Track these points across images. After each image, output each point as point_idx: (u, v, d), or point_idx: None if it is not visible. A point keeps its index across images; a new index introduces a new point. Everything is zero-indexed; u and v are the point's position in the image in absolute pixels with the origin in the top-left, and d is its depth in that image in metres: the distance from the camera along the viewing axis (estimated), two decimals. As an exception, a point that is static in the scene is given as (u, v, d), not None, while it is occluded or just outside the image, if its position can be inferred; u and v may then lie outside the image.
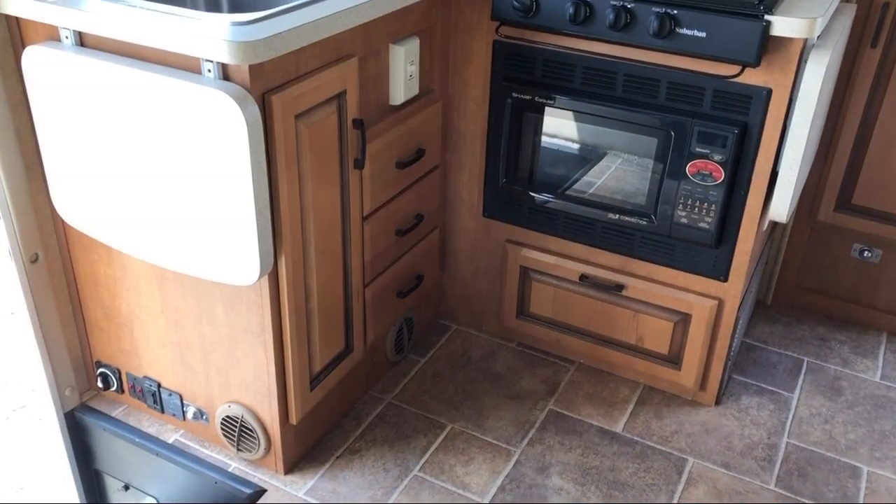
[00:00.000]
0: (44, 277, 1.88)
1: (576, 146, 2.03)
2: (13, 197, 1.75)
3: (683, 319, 2.08)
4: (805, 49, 1.73)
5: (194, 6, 1.88)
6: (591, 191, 2.05)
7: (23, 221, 1.79)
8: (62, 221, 1.84)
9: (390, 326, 2.18)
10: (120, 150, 1.58)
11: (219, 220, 1.54)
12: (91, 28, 1.52)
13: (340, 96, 1.68)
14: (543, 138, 2.05)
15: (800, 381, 2.28)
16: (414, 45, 1.90)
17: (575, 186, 2.06)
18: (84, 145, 1.62)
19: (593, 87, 1.94)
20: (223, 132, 1.44)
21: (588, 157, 2.03)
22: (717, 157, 1.84)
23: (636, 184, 1.98)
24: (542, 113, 2.01)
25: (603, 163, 2.02)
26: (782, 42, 1.70)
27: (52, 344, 1.95)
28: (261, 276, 1.57)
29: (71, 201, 1.72)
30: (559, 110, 1.99)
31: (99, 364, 2.05)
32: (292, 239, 1.64)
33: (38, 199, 1.81)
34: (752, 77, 1.76)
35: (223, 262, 1.58)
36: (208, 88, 1.42)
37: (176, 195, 1.56)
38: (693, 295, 2.04)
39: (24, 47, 1.62)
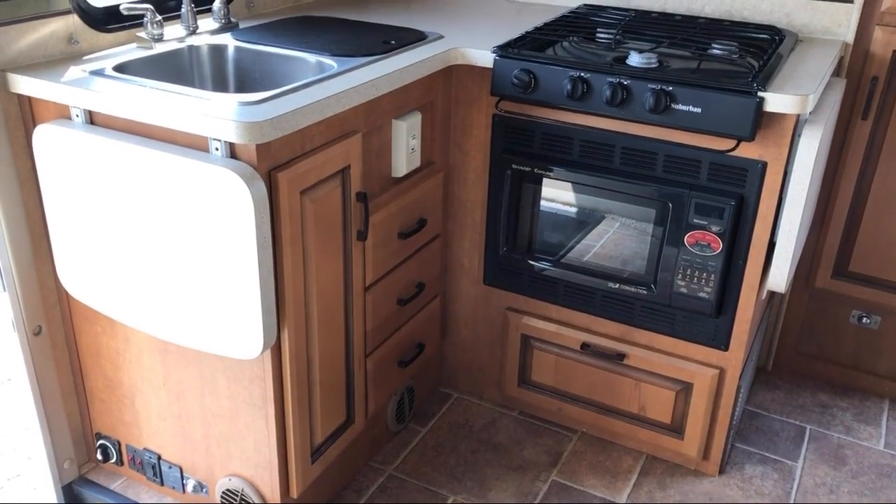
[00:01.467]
0: (46, 349, 1.88)
1: (575, 216, 2.06)
2: (19, 270, 1.77)
3: (685, 388, 2.08)
4: (798, 123, 1.77)
5: (202, 85, 1.93)
6: (591, 259, 2.07)
7: (27, 294, 1.80)
8: (66, 294, 1.85)
9: (391, 396, 2.17)
10: (127, 226, 1.60)
11: (223, 294, 1.55)
12: (101, 108, 1.56)
13: (344, 171, 1.71)
14: (543, 208, 2.08)
15: (803, 450, 2.26)
16: (416, 119, 1.94)
17: (575, 255, 2.09)
18: (91, 220, 1.64)
19: (591, 160, 1.97)
20: (230, 209, 1.46)
21: (587, 227, 2.06)
22: (715, 229, 1.87)
23: (635, 252, 2.00)
24: (541, 184, 2.05)
25: (602, 232, 2.04)
26: (776, 117, 1.75)
27: (52, 416, 1.94)
28: (264, 349, 1.58)
29: (76, 275, 1.73)
30: (558, 181, 2.02)
31: (99, 436, 2.03)
32: (295, 312, 1.65)
33: (43, 273, 1.82)
34: (747, 150, 1.80)
35: (227, 336, 1.59)
36: (216, 167, 1.45)
37: (181, 269, 1.58)
38: (694, 364, 2.04)
39: (35, 125, 1.66)
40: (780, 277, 1.87)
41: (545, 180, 2.04)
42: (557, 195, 2.05)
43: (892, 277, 2.29)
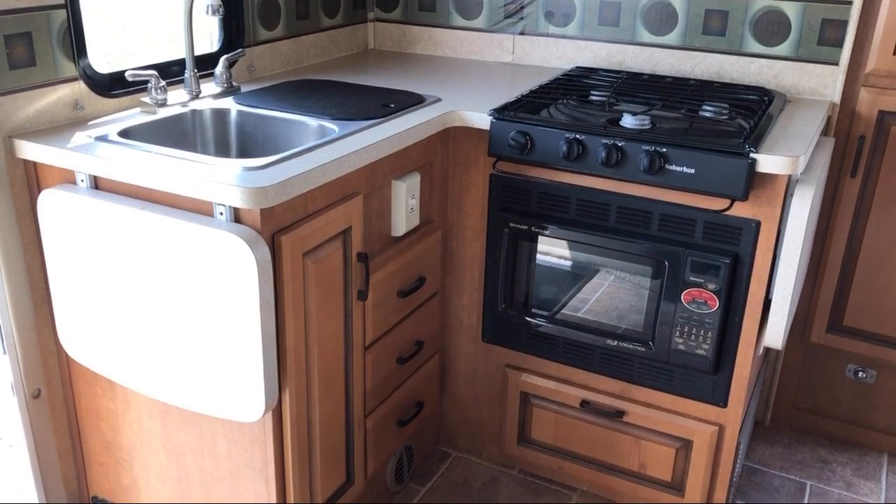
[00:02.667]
0: (45, 412, 1.87)
1: (572, 273, 2.08)
2: (20, 333, 1.77)
3: (685, 445, 2.08)
4: (790, 183, 1.81)
5: (205, 149, 1.96)
6: (588, 313, 2.08)
7: (28, 357, 1.80)
8: (66, 356, 1.85)
9: (391, 456, 2.16)
10: (130, 288, 1.61)
11: (225, 356, 1.56)
12: (106, 173, 1.58)
13: (346, 232, 1.74)
14: (540, 265, 2.10)
15: (804, 506, 2.25)
16: (415, 180, 1.98)
17: (573, 311, 2.10)
18: (95, 283, 1.65)
19: (587, 218, 2.00)
20: (233, 273, 1.48)
21: (584, 283, 2.08)
22: (711, 286, 1.89)
23: (631, 306, 2.02)
24: (538, 241, 2.07)
25: (598, 286, 2.06)
26: (768, 177, 1.79)
27: (48, 479, 1.92)
28: (265, 412, 1.58)
29: (77, 337, 1.73)
30: (555, 239, 2.05)
31: (96, 499, 2.01)
32: (296, 373, 1.65)
33: (44, 335, 1.82)
34: (741, 210, 1.83)
35: (228, 399, 1.59)
36: (221, 231, 1.47)
37: (183, 332, 1.58)
38: (693, 421, 2.04)
39: (40, 190, 1.68)
40: (776, 335, 1.89)
41: (542, 238, 2.07)
42: (555, 252, 2.08)
43: (886, 332, 2.31)
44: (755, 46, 2.26)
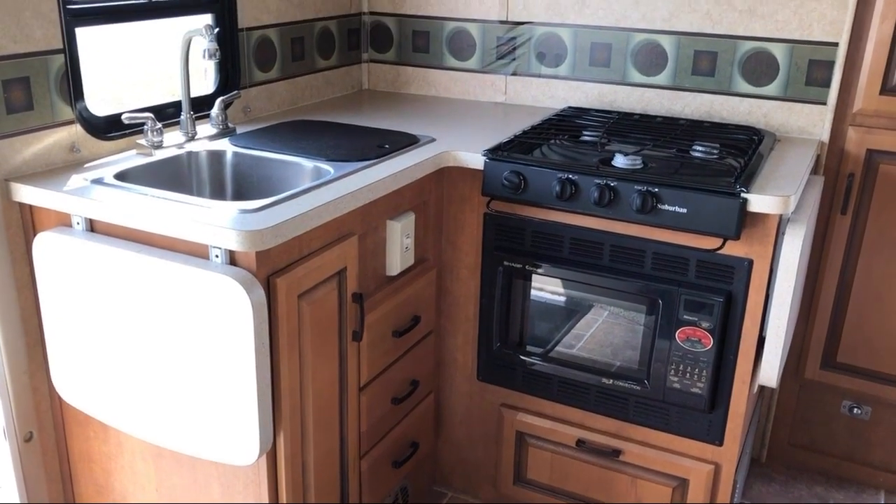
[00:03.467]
0: (37, 456, 1.85)
1: (566, 311, 2.08)
2: (13, 377, 1.76)
3: (681, 484, 2.07)
4: (782, 221, 1.83)
5: (200, 190, 1.97)
6: (583, 350, 2.08)
7: (20, 401, 1.78)
8: (59, 400, 1.84)
9: (386, 497, 2.14)
10: (125, 331, 1.61)
11: (219, 399, 1.55)
12: (102, 216, 1.59)
13: (341, 273, 1.74)
14: (535, 303, 2.11)
15: (803, 545, 2.24)
16: (410, 219, 1.99)
17: (568, 349, 2.10)
18: (89, 326, 1.65)
19: (581, 257, 2.02)
20: (229, 315, 1.48)
21: (578, 321, 2.08)
22: (705, 325, 1.90)
23: (625, 342, 2.02)
24: (533, 280, 2.08)
25: (591, 322, 2.07)
26: (760, 216, 1.80)
27: (38, 524, 1.90)
28: (260, 455, 1.57)
29: (72, 380, 1.73)
30: (549, 278, 2.06)
31: (86, 544, 1.98)
32: (291, 416, 1.65)
33: (37, 378, 1.81)
34: (733, 249, 1.85)
35: (223, 442, 1.58)
36: (216, 274, 1.47)
37: (178, 375, 1.58)
38: (689, 460, 2.04)
39: (35, 233, 1.69)
40: (771, 373, 1.90)
41: (537, 276, 2.07)
42: (549, 290, 2.08)
43: (880, 368, 2.31)
44: (744, 87, 2.29)
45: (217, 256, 1.52)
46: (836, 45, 2.16)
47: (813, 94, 2.22)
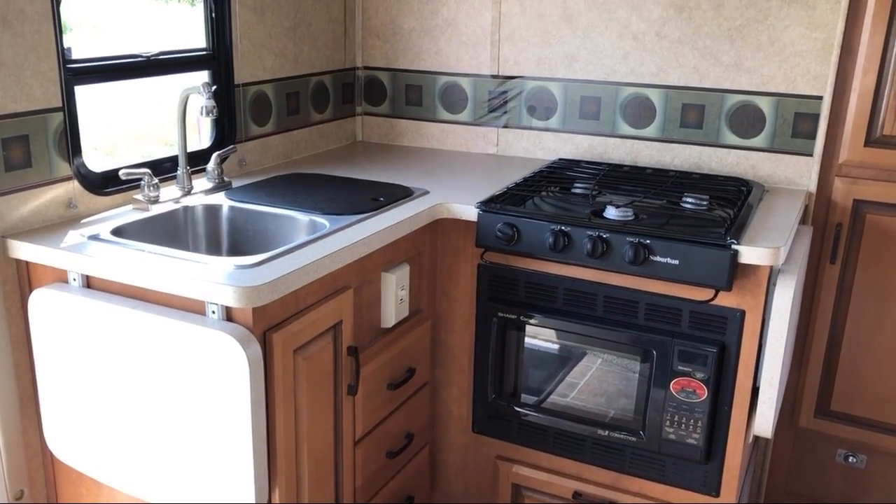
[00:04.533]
0: (26, 514, 1.83)
1: (561, 360, 2.09)
2: (5, 434, 1.74)
3: (679, 537, 2.05)
4: (772, 272, 1.85)
5: (196, 245, 1.98)
6: (578, 401, 2.08)
7: (12, 458, 1.76)
8: (51, 457, 1.82)
9: (381, 552, 2.12)
10: (120, 387, 1.61)
11: (215, 454, 1.54)
12: (99, 272, 1.60)
13: (336, 326, 1.75)
14: (529, 353, 2.11)
15: None
16: (404, 271, 2.00)
17: (562, 398, 2.10)
18: (84, 382, 1.64)
19: (575, 308, 2.03)
20: (225, 371, 1.48)
21: (573, 371, 2.09)
22: (700, 375, 1.91)
23: (622, 395, 2.03)
24: (526, 330, 2.09)
25: (588, 375, 2.07)
26: (751, 267, 1.82)
27: (27, 585, 1.87)
28: (255, 512, 1.55)
29: (65, 437, 1.71)
30: (543, 329, 2.07)
31: None
32: (286, 471, 1.63)
33: (29, 435, 1.80)
34: (725, 299, 1.87)
35: (218, 498, 1.56)
36: (212, 330, 1.48)
37: (173, 431, 1.57)
38: (687, 511, 2.03)
39: (31, 289, 1.69)
40: (765, 423, 1.90)
41: (531, 327, 2.08)
42: (543, 340, 2.09)
43: (873, 416, 2.32)
44: (732, 138, 2.34)
45: (214, 312, 1.52)
46: (820, 98, 2.21)
47: (799, 146, 2.26)
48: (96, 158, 1.91)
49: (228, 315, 1.52)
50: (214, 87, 1.95)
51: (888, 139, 2.15)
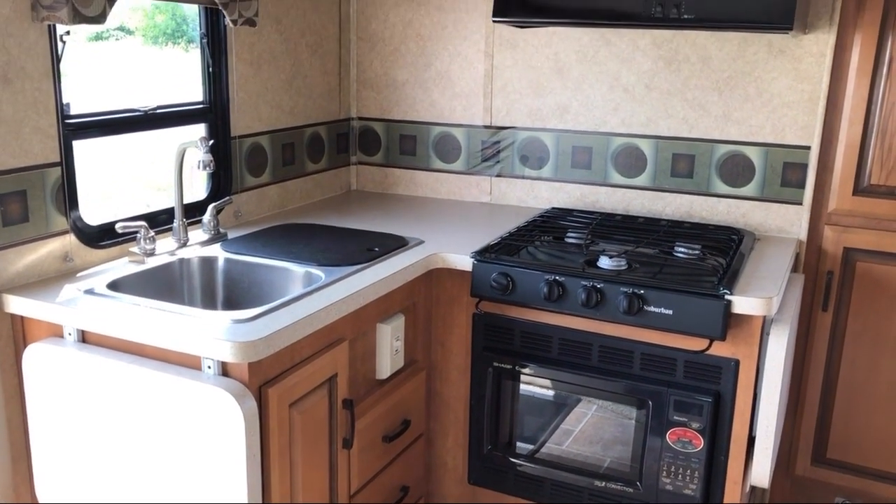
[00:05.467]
0: (15, 573, 1.79)
1: (556, 407, 2.08)
2: (-4, 491, 1.73)
3: (679, 590, 2.03)
4: (766, 321, 1.86)
5: (191, 297, 1.98)
6: (574, 448, 2.07)
7: (2, 516, 1.74)
8: (43, 513, 1.80)
9: None
10: (115, 442, 1.59)
11: (209, 512, 1.52)
12: (95, 327, 1.60)
13: (332, 379, 1.74)
14: (524, 400, 2.11)
15: None
16: (399, 322, 2.00)
17: (559, 447, 2.09)
18: (78, 438, 1.63)
19: (570, 357, 2.03)
20: (221, 426, 1.47)
21: (569, 420, 2.08)
22: (695, 425, 1.90)
23: (617, 442, 2.02)
24: (522, 381, 2.09)
25: (584, 422, 2.06)
26: (744, 317, 1.84)
27: None
28: (249, 571, 1.53)
29: (58, 494, 1.69)
30: (539, 378, 2.07)
31: None
32: (282, 528, 1.62)
33: (21, 491, 1.77)
34: (720, 349, 1.87)
35: (211, 558, 1.54)
36: (208, 385, 1.47)
37: (169, 486, 1.56)
38: (686, 563, 2.01)
39: (26, 344, 1.69)
40: (762, 474, 1.89)
41: (527, 377, 2.08)
42: (538, 390, 2.09)
43: (870, 464, 2.31)
44: (722, 188, 2.37)
45: (209, 367, 1.52)
46: (808, 148, 2.25)
47: (789, 195, 2.29)
48: (95, 216, 1.92)
49: (224, 370, 1.52)
50: (212, 142, 1.97)
51: (876, 188, 2.19)
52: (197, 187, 2.29)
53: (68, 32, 1.77)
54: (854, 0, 2.13)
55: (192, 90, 2.23)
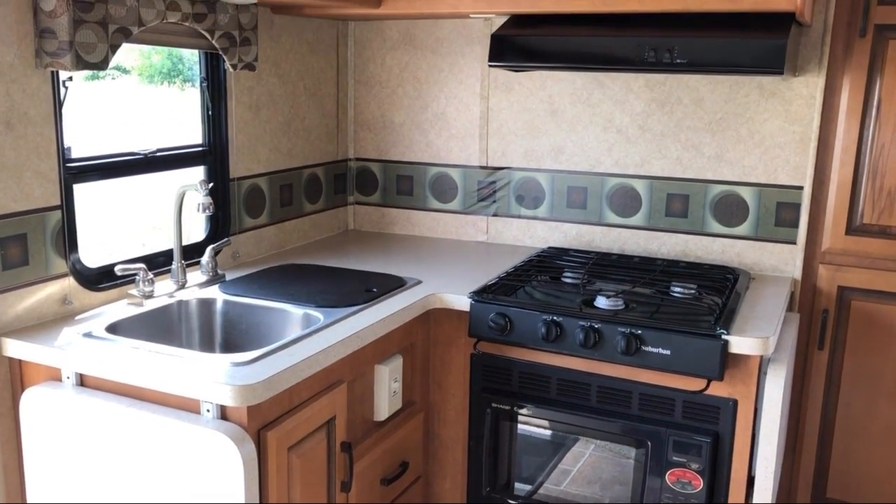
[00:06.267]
0: None
1: (554, 447, 2.08)
2: (-10, 537, 1.71)
3: None
4: (763, 361, 1.87)
5: (190, 340, 1.98)
6: (573, 489, 2.06)
7: (-4, 563, 1.72)
8: (37, 560, 1.77)
9: None
10: (114, 486, 1.58)
11: (207, 559, 1.51)
12: (94, 371, 1.59)
13: (330, 422, 1.74)
14: (523, 442, 2.10)
15: None
16: (397, 363, 2.00)
17: (557, 487, 2.08)
18: (76, 481, 1.62)
19: (569, 398, 2.03)
20: (219, 470, 1.46)
21: (567, 457, 2.07)
22: (695, 466, 1.90)
23: (616, 482, 2.01)
24: (521, 421, 2.08)
25: (582, 462, 2.05)
26: (741, 356, 1.84)
27: None
28: None
29: (51, 540, 1.67)
30: (538, 419, 2.06)
31: None
32: (280, 574, 1.60)
33: (15, 538, 1.76)
34: (717, 389, 1.88)
35: None
36: (207, 429, 1.47)
37: (164, 534, 1.54)
38: None
39: (23, 388, 1.68)
40: (763, 515, 1.89)
41: (525, 418, 2.08)
42: (537, 430, 2.08)
43: (869, 501, 2.30)
44: (716, 227, 2.39)
45: (208, 411, 1.52)
46: (800, 188, 2.27)
47: (783, 234, 2.32)
48: (93, 258, 1.93)
49: (223, 413, 1.52)
50: (211, 185, 1.99)
51: (868, 227, 2.21)
52: (194, 226, 2.30)
53: (71, 78, 1.80)
54: (842, 44, 2.18)
55: (189, 130, 2.25)
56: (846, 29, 2.16)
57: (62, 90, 1.79)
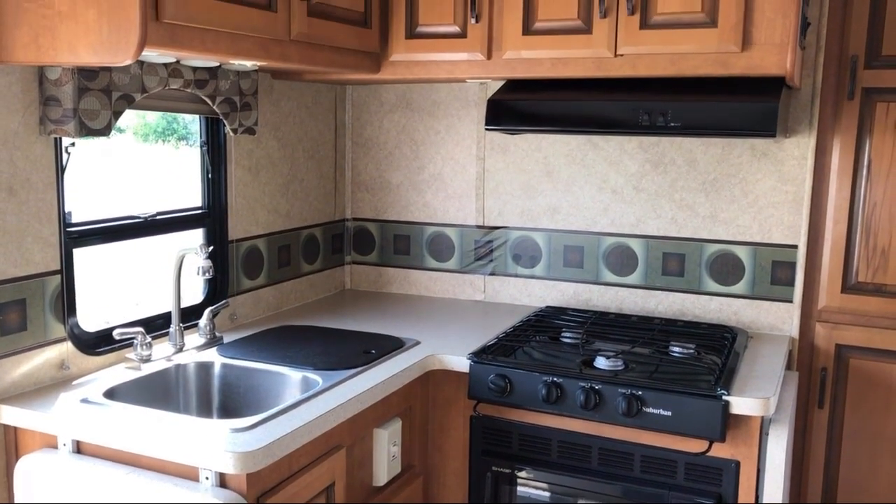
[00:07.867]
0: None
1: (556, 515, 2.05)
2: None
3: None
4: (764, 421, 1.86)
5: (187, 404, 1.97)
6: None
7: None
8: None
9: None
10: (105, 560, 1.55)
11: None
12: (90, 438, 1.57)
13: (329, 488, 1.71)
14: (522, 502, 2.07)
15: None
16: (396, 426, 1.99)
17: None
18: (67, 555, 1.58)
19: (570, 460, 2.01)
20: (217, 542, 1.44)
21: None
22: (699, 530, 1.87)
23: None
24: (520, 485, 2.05)
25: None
26: (742, 417, 1.84)
27: None
28: None
29: None
30: (538, 482, 2.04)
31: None
32: None
33: None
34: (719, 450, 1.86)
35: None
36: (207, 498, 1.45)
37: None
38: None
39: (18, 455, 1.66)
40: (770, 580, 1.85)
41: (525, 480, 2.05)
42: (538, 494, 2.05)
43: (876, 565, 2.27)
44: (713, 286, 2.40)
45: (207, 478, 1.50)
46: (795, 247, 2.30)
47: (779, 293, 2.33)
48: (92, 323, 1.92)
49: (222, 481, 1.50)
50: (211, 249, 1.99)
51: (863, 286, 2.23)
52: (192, 287, 2.30)
53: (73, 144, 1.82)
54: (831, 107, 2.22)
55: (185, 189, 2.27)
56: (834, 92, 2.21)
57: (65, 156, 1.81)
